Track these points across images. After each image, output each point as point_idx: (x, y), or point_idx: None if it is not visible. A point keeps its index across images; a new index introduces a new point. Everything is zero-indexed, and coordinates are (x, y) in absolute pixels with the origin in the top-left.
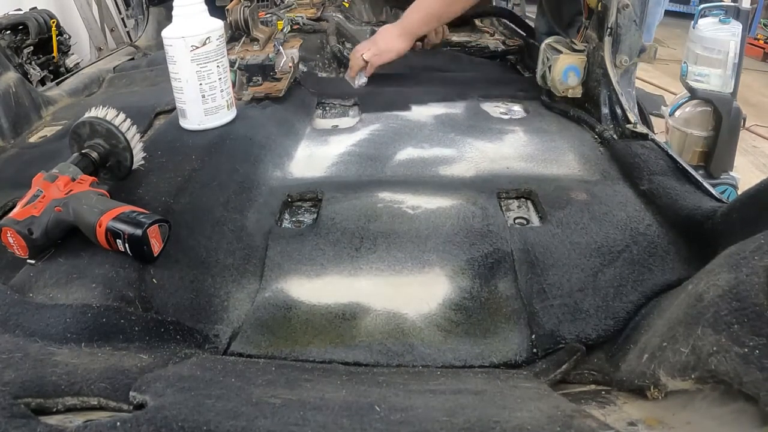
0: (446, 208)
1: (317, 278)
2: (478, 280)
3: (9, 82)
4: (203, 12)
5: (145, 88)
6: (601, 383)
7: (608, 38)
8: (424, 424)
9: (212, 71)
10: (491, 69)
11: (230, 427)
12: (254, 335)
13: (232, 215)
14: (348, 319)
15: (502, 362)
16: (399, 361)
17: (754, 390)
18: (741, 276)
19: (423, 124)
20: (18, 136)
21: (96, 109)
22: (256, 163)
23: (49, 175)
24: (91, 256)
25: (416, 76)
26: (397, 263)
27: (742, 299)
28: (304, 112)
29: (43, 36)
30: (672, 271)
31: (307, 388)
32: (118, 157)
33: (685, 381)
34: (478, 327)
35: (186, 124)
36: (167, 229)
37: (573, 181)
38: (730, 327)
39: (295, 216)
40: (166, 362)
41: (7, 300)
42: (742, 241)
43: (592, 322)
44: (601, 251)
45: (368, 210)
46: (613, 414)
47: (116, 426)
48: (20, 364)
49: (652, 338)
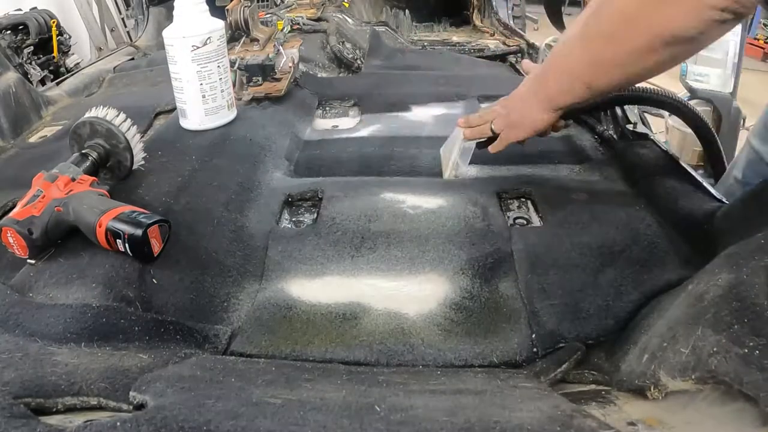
0: (447, 208)
1: (317, 278)
2: (478, 280)
3: (9, 82)
4: (204, 12)
5: (145, 88)
6: (601, 383)
7: None
8: (424, 424)
9: (213, 71)
10: (491, 69)
11: (230, 427)
12: (254, 335)
13: (233, 215)
14: (348, 318)
15: (503, 362)
16: (399, 360)
17: (754, 390)
18: (741, 276)
19: (423, 124)
20: (18, 136)
21: (96, 109)
22: (257, 163)
23: (49, 175)
24: (91, 256)
25: (416, 76)
26: (397, 263)
27: (742, 299)
28: (304, 112)
29: (43, 36)
30: (672, 271)
31: (307, 388)
32: (118, 157)
33: (685, 381)
34: (479, 326)
35: (186, 124)
36: (167, 229)
37: (573, 181)
38: (731, 327)
39: (295, 216)
40: (166, 362)
41: (7, 300)
42: (742, 241)
43: (592, 321)
44: (601, 251)
45: (369, 210)
46: (613, 414)
47: (116, 426)
48: (20, 363)
49: (652, 338)
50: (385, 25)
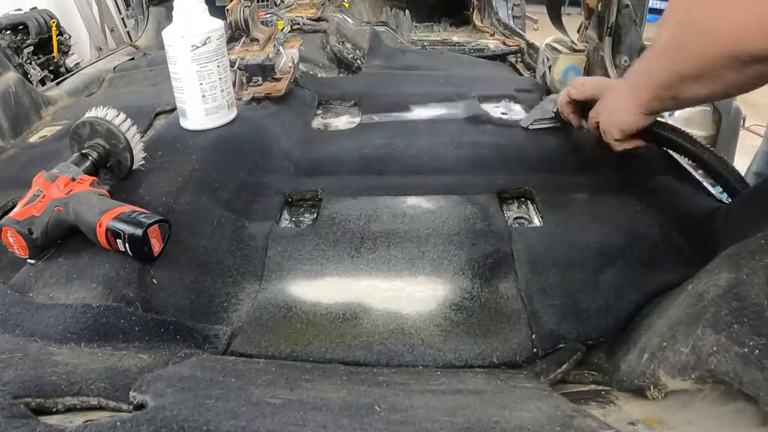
0: (447, 208)
1: (317, 278)
2: (478, 280)
3: (9, 82)
4: (203, 12)
5: (145, 88)
6: (601, 383)
7: (608, 38)
8: (424, 424)
9: (212, 71)
10: (491, 69)
11: (230, 427)
12: (254, 335)
13: (233, 215)
14: (348, 319)
15: (503, 362)
16: (399, 361)
17: (754, 390)
18: (741, 276)
19: (423, 124)
20: (18, 136)
21: (96, 109)
22: (257, 163)
23: (49, 174)
24: (91, 256)
25: (416, 76)
26: (397, 263)
27: (742, 299)
28: (304, 112)
29: (43, 36)
30: (672, 271)
31: (307, 388)
32: (118, 157)
33: (685, 381)
34: (479, 327)
35: (186, 124)
36: (167, 229)
37: (573, 181)
38: (730, 327)
39: (295, 216)
40: (166, 362)
41: (7, 300)
42: (742, 241)
43: (592, 321)
44: (601, 251)
45: (368, 210)
46: (613, 414)
47: (116, 426)
48: (20, 363)
49: (652, 338)
50: (385, 25)
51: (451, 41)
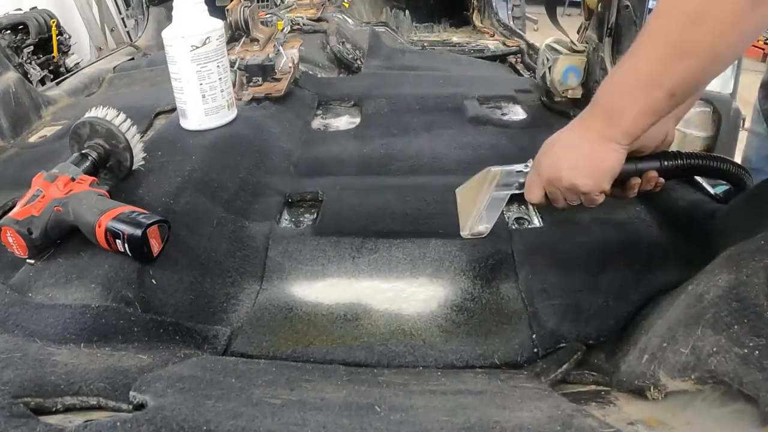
0: (447, 209)
1: (318, 279)
2: (479, 281)
3: (9, 82)
4: (203, 12)
5: (145, 88)
6: (601, 383)
7: (608, 39)
8: (425, 424)
9: (212, 71)
10: (491, 69)
11: (230, 427)
12: (255, 335)
13: (232, 215)
14: (349, 319)
15: (504, 362)
16: (400, 362)
17: (754, 390)
18: (741, 276)
19: (423, 124)
20: (18, 136)
21: (96, 109)
22: (257, 164)
23: (49, 175)
24: (91, 256)
25: (416, 76)
26: (398, 264)
27: (742, 300)
28: (304, 112)
29: (43, 36)
30: (672, 272)
31: (307, 389)
32: (118, 157)
33: (685, 381)
34: (480, 327)
35: (186, 124)
36: (167, 230)
37: None
38: (730, 327)
39: (295, 216)
40: (166, 363)
41: (7, 300)
42: (742, 242)
43: (592, 322)
44: (601, 251)
45: (369, 210)
46: (613, 414)
47: (116, 426)
48: (19, 363)
49: (652, 338)
50: (385, 26)
51: (451, 42)
